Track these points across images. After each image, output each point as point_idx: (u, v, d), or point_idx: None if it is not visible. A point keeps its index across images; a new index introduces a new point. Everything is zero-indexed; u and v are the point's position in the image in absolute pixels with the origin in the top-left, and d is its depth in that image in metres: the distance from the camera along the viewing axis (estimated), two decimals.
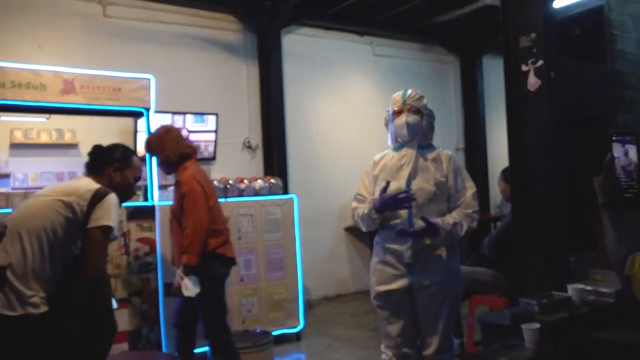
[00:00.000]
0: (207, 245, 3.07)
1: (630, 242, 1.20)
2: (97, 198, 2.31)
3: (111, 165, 2.52)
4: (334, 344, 4.53)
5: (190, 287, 2.99)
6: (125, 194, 2.60)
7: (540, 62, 3.27)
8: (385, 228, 2.50)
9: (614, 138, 1.27)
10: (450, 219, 2.43)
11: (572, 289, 2.78)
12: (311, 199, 6.33)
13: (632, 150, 1.26)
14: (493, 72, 8.29)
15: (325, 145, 6.76)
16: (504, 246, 3.53)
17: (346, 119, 6.94)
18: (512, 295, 3.49)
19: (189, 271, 3.00)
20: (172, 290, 3.10)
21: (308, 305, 5.92)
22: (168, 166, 3.29)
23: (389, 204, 2.36)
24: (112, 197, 2.36)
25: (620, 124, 3.66)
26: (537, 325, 2.50)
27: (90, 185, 2.39)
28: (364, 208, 2.50)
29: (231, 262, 3.27)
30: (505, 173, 3.80)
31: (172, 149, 3.22)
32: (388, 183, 2.40)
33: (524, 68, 3.36)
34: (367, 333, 4.85)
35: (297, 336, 4.69)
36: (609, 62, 3.72)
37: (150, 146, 3.34)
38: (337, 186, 6.75)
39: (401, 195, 2.32)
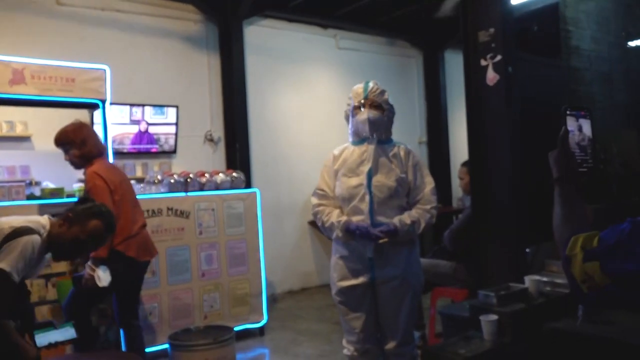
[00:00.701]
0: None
1: (576, 222, 1.19)
2: (10, 236, 2.09)
3: (66, 213, 2.35)
4: (298, 338, 4.52)
5: (102, 278, 3.03)
6: (63, 251, 2.32)
7: (498, 57, 3.31)
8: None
9: (567, 112, 1.26)
10: (408, 218, 2.43)
11: (529, 281, 2.84)
12: (274, 192, 6.30)
13: (586, 125, 1.26)
14: (455, 67, 8.39)
15: (288, 138, 6.72)
16: (465, 238, 3.57)
17: (309, 112, 6.90)
18: (473, 287, 3.54)
19: (98, 263, 3.03)
20: (83, 282, 3.08)
21: (273, 299, 5.89)
22: (85, 161, 3.28)
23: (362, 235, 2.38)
24: (27, 240, 2.10)
25: None
26: (494, 317, 2.54)
27: (18, 221, 2.19)
28: (331, 222, 2.47)
29: (131, 260, 3.21)
30: (465, 166, 3.85)
31: (93, 144, 3.27)
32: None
33: (483, 63, 3.40)
34: (331, 326, 4.86)
35: (261, 331, 4.66)
36: (565, 58, 3.80)
37: (69, 138, 3.27)
38: (300, 179, 6.72)
39: (375, 232, 2.34)
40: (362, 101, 2.53)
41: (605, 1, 4.12)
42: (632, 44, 4.34)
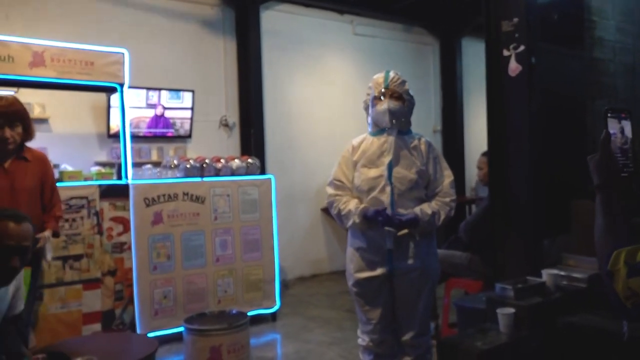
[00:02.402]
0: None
1: (618, 234, 1.14)
2: None
3: None
4: (309, 325, 4.55)
5: (49, 253, 3.10)
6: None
7: (521, 48, 3.26)
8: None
9: (609, 114, 1.19)
10: (428, 209, 2.42)
11: (546, 274, 2.82)
12: (288, 178, 6.30)
13: (627, 127, 1.20)
14: (472, 55, 8.30)
15: (303, 124, 6.70)
16: (481, 230, 3.55)
17: (324, 98, 6.87)
18: (487, 279, 3.53)
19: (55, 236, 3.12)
20: (40, 242, 2.96)
21: (284, 285, 5.92)
22: (23, 141, 3.03)
23: (381, 221, 2.35)
24: None
25: (596, 110, 3.70)
26: (512, 310, 2.53)
27: None
28: (349, 209, 2.44)
29: None
30: (485, 155, 3.81)
31: (33, 127, 3.09)
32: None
33: (506, 53, 3.34)
34: (342, 314, 4.88)
35: (273, 317, 4.70)
36: (588, 49, 3.74)
37: (23, 113, 3.02)
38: (314, 166, 6.72)
39: (399, 218, 2.32)
40: (383, 91, 2.50)
41: None
42: None
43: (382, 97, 2.48)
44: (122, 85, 4.06)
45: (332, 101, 6.93)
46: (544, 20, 3.56)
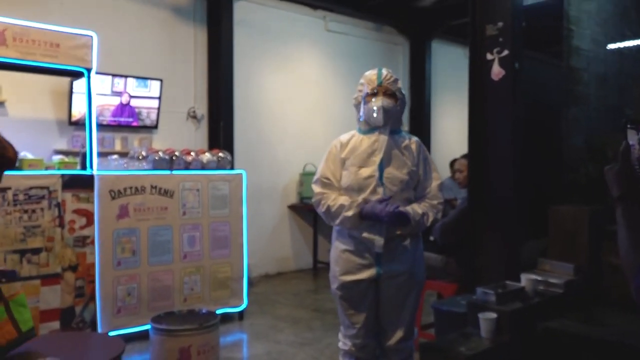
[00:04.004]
0: None
1: None
2: None
3: None
4: (278, 324, 4.45)
5: None
6: None
7: (505, 52, 3.27)
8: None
9: (628, 126, 1.18)
10: (419, 209, 2.37)
11: (525, 279, 2.84)
12: (255, 174, 6.16)
13: None
14: (440, 57, 8.39)
15: (272, 119, 6.58)
16: (457, 233, 3.55)
17: (295, 94, 6.77)
18: (462, 281, 3.54)
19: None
20: None
21: (249, 283, 5.79)
22: None
23: (380, 217, 2.26)
24: None
25: (571, 117, 3.76)
26: (494, 315, 2.52)
27: None
28: (340, 204, 2.35)
29: None
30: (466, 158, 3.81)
31: None
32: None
33: (489, 57, 3.35)
34: (311, 313, 4.81)
35: (240, 315, 4.58)
36: (565, 57, 3.79)
37: None
38: (282, 162, 6.62)
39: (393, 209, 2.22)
40: (376, 88, 2.42)
41: (606, 2, 4.12)
42: (627, 45, 4.36)
43: (375, 94, 2.41)
44: (89, 70, 3.83)
45: (302, 96, 6.84)
46: (526, 27, 3.59)
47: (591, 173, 3.50)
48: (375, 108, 2.37)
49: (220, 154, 4.56)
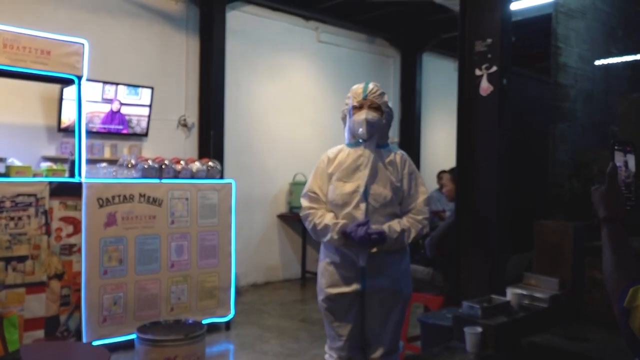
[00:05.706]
0: None
1: (630, 269, 1.11)
2: None
3: None
4: (264, 335, 4.44)
5: None
6: None
7: (494, 68, 3.31)
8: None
9: (616, 147, 1.20)
10: (398, 226, 2.37)
11: (511, 294, 2.86)
12: (245, 183, 6.16)
13: (631, 161, 1.21)
14: (431, 70, 8.46)
15: (263, 129, 6.59)
16: (445, 246, 3.58)
17: (285, 104, 6.79)
18: (449, 294, 3.56)
19: None
20: None
21: (237, 292, 5.77)
22: None
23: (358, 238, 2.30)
24: None
25: (557, 133, 3.81)
26: (479, 329, 2.54)
27: None
28: (325, 224, 2.38)
29: None
30: (453, 173, 3.85)
31: None
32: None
33: (478, 72, 3.39)
34: (297, 324, 4.80)
35: (227, 326, 4.56)
36: (553, 74, 3.85)
37: None
38: (271, 172, 6.63)
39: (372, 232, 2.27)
40: (361, 101, 2.45)
41: (593, 21, 4.19)
42: (613, 62, 4.43)
43: (360, 108, 2.44)
44: (80, 77, 3.83)
45: (294, 107, 6.86)
46: (514, 43, 3.64)
47: (576, 188, 3.55)
48: (359, 120, 2.40)
49: (210, 163, 4.56)
